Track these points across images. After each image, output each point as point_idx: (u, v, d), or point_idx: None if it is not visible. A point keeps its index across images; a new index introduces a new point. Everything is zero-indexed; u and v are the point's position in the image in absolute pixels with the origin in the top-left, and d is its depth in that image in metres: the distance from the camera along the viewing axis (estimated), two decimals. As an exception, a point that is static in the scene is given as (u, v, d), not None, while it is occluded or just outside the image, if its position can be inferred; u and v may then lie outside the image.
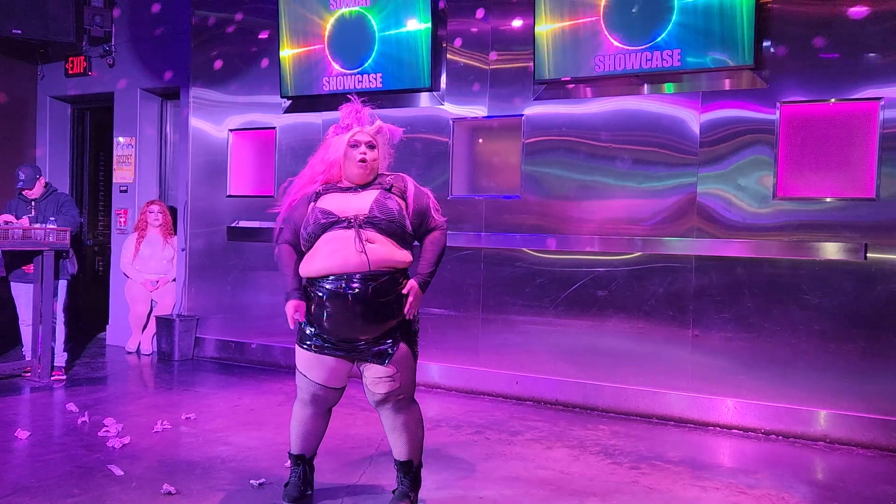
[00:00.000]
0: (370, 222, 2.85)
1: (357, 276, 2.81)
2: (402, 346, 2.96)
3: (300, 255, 2.99)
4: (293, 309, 2.93)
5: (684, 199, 4.72)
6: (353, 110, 3.08)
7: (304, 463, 3.17)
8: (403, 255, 2.92)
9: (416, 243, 3.07)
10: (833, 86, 4.34)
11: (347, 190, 2.99)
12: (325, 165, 3.03)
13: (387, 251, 2.85)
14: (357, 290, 2.81)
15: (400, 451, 3.03)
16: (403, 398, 2.96)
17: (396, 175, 3.07)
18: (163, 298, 6.76)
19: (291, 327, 2.98)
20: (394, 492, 3.09)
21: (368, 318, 2.84)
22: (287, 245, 3.02)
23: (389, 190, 2.97)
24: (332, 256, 2.82)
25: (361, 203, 2.90)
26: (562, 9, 4.94)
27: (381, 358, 2.91)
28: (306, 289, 2.96)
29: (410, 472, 3.06)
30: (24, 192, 5.56)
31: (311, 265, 2.89)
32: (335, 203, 2.91)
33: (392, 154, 3.16)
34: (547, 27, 4.99)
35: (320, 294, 2.86)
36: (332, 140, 3.06)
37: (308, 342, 2.97)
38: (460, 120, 5.46)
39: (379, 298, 2.83)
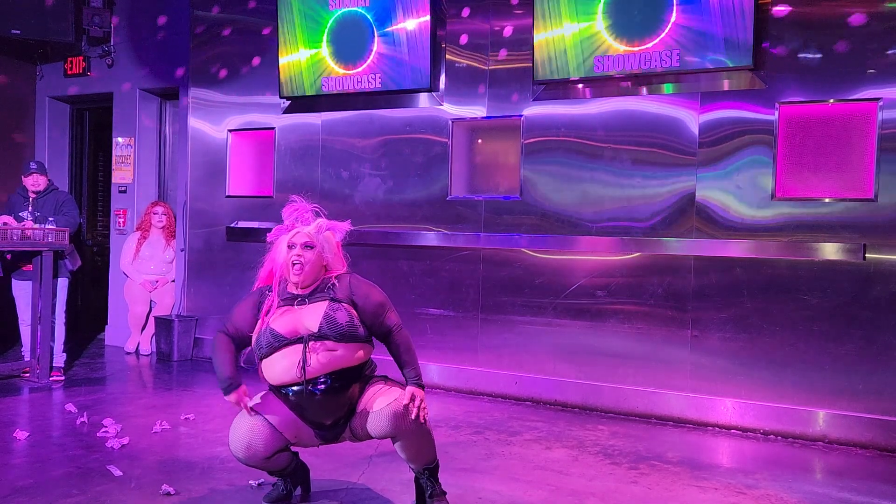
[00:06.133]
0: (321, 338, 2.84)
1: (321, 378, 2.84)
2: (372, 385, 2.96)
3: (237, 345, 2.97)
4: (236, 400, 2.84)
5: (683, 200, 4.72)
6: (293, 210, 3.02)
7: (281, 474, 3.14)
8: (357, 358, 2.90)
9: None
10: (832, 86, 4.35)
11: (295, 301, 2.94)
12: (266, 272, 3.02)
13: (341, 357, 2.85)
14: (323, 388, 2.83)
15: (427, 457, 2.99)
16: (425, 413, 2.89)
17: (343, 279, 2.99)
18: (162, 299, 6.76)
19: (248, 413, 2.86)
20: (430, 496, 3.03)
21: (332, 408, 2.88)
22: (224, 335, 2.98)
23: (337, 300, 2.92)
24: (291, 369, 2.83)
25: (310, 320, 2.87)
26: (561, 9, 4.94)
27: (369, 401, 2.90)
28: (272, 387, 2.95)
29: (436, 470, 3.06)
30: (28, 184, 5.55)
31: (273, 377, 2.89)
32: (285, 322, 2.89)
33: (341, 254, 3.07)
34: (546, 27, 4.99)
35: (289, 395, 2.88)
36: (276, 242, 3.02)
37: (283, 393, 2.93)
38: (459, 120, 5.46)
39: (346, 391, 2.87)
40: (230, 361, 2.93)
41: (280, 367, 2.86)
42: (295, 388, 2.86)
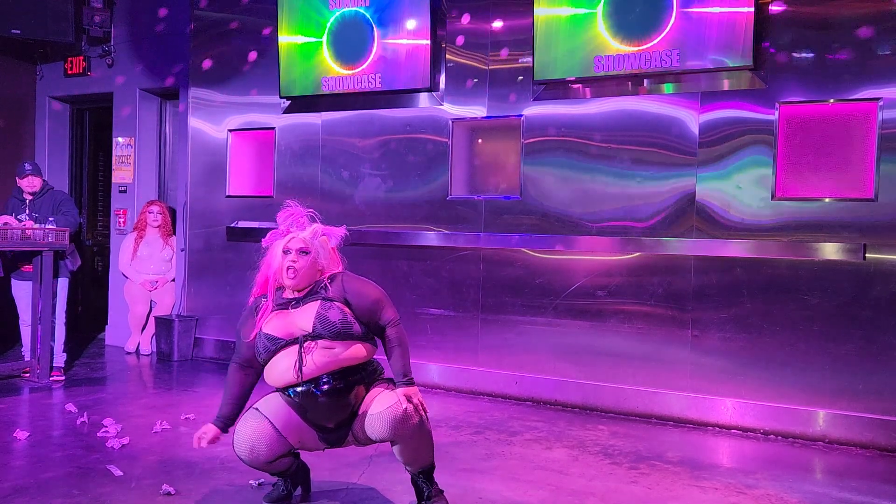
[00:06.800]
0: (316, 338, 2.84)
1: (323, 378, 2.84)
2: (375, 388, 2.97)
3: (248, 375, 3.00)
4: (203, 432, 2.90)
5: (683, 200, 4.72)
6: (289, 215, 3.04)
7: (282, 475, 3.14)
8: (358, 356, 2.90)
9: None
10: (832, 86, 4.35)
11: (289, 304, 2.96)
12: (263, 277, 3.04)
13: (339, 355, 2.85)
14: (326, 388, 2.84)
15: (425, 460, 2.99)
16: (425, 413, 2.89)
17: (335, 278, 3.00)
18: (162, 299, 6.76)
19: (195, 445, 2.92)
20: (428, 497, 3.02)
21: (335, 410, 2.88)
22: (235, 365, 3.01)
23: (329, 299, 2.92)
24: (290, 370, 2.84)
25: (304, 321, 2.88)
26: (561, 9, 4.94)
27: (367, 404, 2.90)
28: (276, 389, 2.96)
29: (432, 471, 3.05)
30: (23, 186, 5.55)
31: (274, 379, 2.91)
32: (279, 325, 2.90)
33: (337, 257, 3.09)
34: (546, 27, 4.99)
35: (292, 396, 2.90)
36: (270, 247, 3.03)
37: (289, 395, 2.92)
38: (459, 120, 5.46)
39: (349, 393, 2.88)
40: (233, 399, 2.97)
41: (279, 368, 2.87)
42: (298, 388, 2.86)
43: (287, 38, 5.92)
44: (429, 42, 5.38)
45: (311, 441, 2.98)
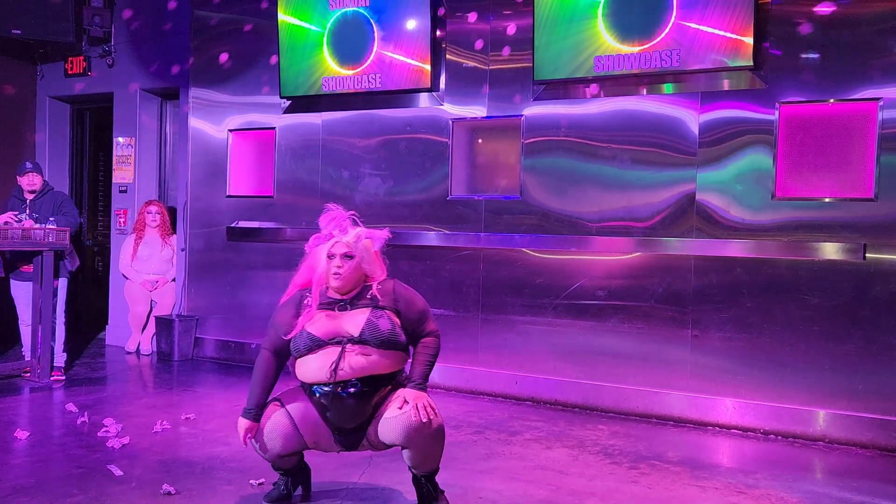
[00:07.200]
0: (361, 342, 2.86)
1: (352, 381, 2.86)
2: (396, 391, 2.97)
3: (279, 362, 3.02)
4: (245, 429, 2.94)
5: (683, 200, 4.72)
6: (332, 218, 3.05)
7: (286, 473, 3.15)
8: (392, 365, 2.92)
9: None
10: (832, 86, 4.35)
11: (335, 306, 2.97)
12: (304, 280, 3.05)
13: (375, 363, 2.87)
14: (353, 391, 2.86)
15: (433, 464, 3.00)
16: (441, 420, 2.89)
17: (386, 286, 3.03)
18: (162, 299, 6.76)
19: (244, 444, 2.98)
20: (429, 498, 3.04)
21: (357, 412, 2.89)
22: (268, 353, 3.02)
23: (380, 307, 2.95)
24: (323, 369, 2.85)
25: (352, 325, 2.90)
26: (561, 9, 4.94)
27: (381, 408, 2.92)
28: (302, 384, 2.98)
29: (436, 473, 3.06)
30: (23, 184, 5.56)
31: (306, 374, 2.92)
32: (323, 326, 2.91)
33: (380, 260, 3.10)
34: (546, 27, 4.99)
35: (317, 394, 2.91)
36: (314, 251, 3.05)
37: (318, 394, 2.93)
38: (460, 120, 5.46)
39: (373, 397, 2.89)
40: (264, 388, 2.99)
41: (313, 366, 2.88)
42: (325, 388, 2.87)
43: (287, 38, 5.92)
44: (429, 42, 5.38)
45: (325, 442, 2.99)
